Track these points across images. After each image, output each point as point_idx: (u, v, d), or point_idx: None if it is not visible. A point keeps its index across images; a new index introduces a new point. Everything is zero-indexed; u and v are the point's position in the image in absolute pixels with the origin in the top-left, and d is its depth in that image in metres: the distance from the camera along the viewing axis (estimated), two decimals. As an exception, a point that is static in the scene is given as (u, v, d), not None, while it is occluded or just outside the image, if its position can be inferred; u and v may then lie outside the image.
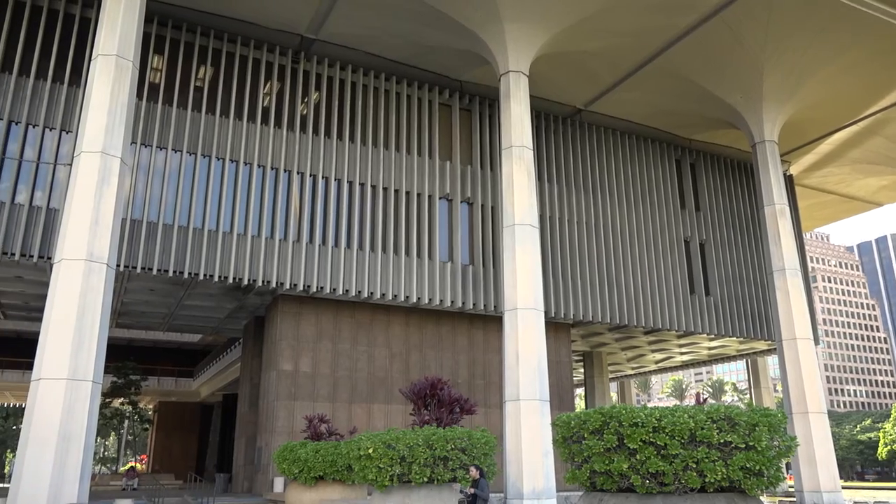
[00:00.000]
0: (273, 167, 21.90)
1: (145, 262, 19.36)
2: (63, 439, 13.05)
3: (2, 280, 21.91)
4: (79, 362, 13.61)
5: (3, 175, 18.53)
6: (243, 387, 27.44)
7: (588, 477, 8.10)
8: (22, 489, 12.62)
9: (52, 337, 13.67)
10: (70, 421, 13.23)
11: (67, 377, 13.39)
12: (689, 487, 7.45)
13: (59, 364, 13.46)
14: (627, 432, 7.57)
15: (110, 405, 40.99)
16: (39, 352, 13.68)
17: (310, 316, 22.88)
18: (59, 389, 13.28)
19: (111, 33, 15.85)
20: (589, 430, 7.96)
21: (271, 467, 21.07)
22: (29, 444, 12.94)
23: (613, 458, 7.68)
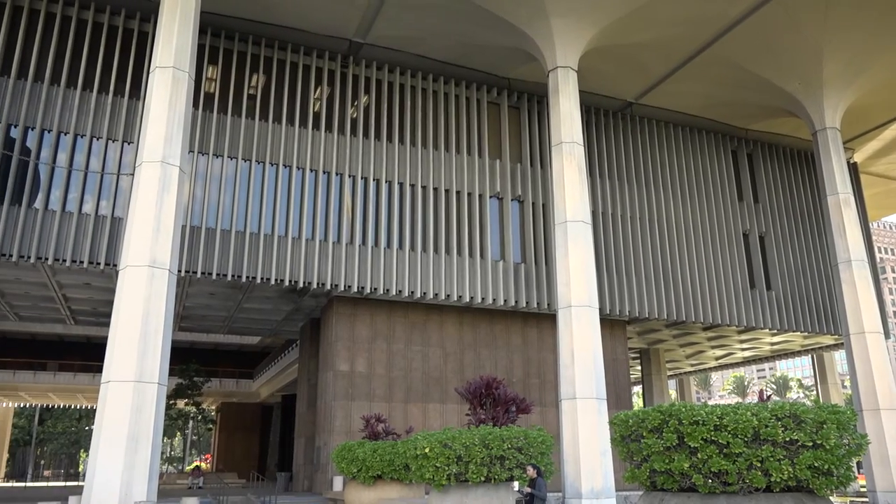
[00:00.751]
0: (325, 171, 22.24)
1: (205, 266, 19.90)
2: (132, 439, 13.52)
3: (71, 287, 22.86)
4: (145, 365, 14.08)
5: (70, 186, 19.33)
6: (301, 387, 27.95)
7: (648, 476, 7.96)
8: (95, 487, 13.14)
9: (119, 341, 14.18)
10: (138, 422, 13.69)
11: (135, 380, 13.86)
12: (754, 487, 7.24)
13: (127, 367, 13.95)
14: (687, 430, 7.41)
15: (175, 406, 42.30)
16: (108, 355, 14.20)
17: (364, 317, 23.15)
18: (127, 391, 13.76)
19: (167, 46, 16.35)
20: (647, 429, 7.82)
21: (330, 466, 21.40)
22: (100, 445, 13.45)
23: (673, 457, 7.53)
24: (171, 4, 16.64)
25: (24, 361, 47.62)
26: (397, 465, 15.12)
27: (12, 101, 19.20)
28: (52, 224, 18.74)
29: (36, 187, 19.13)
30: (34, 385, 47.87)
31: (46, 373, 47.48)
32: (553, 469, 12.16)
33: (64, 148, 19.61)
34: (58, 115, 19.57)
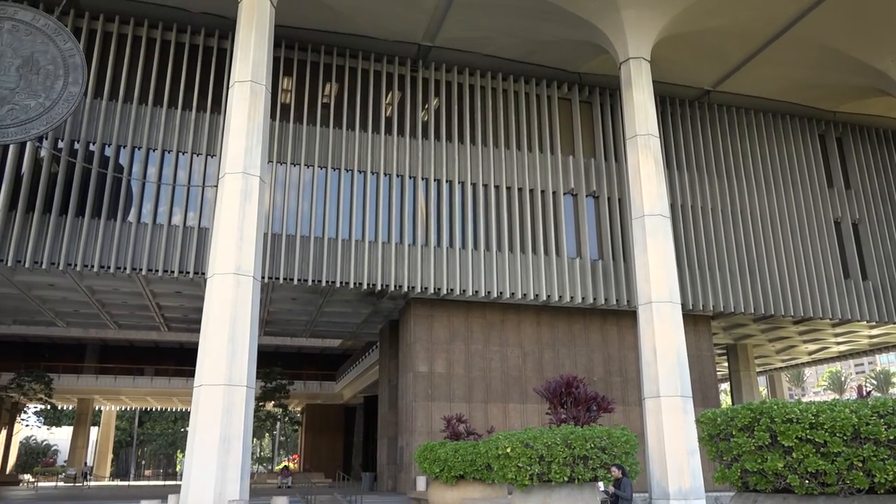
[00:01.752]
0: (399, 174, 22.52)
1: (286, 272, 20.51)
2: (224, 441, 14.07)
3: (163, 295, 24.02)
4: (233, 369, 14.63)
5: (160, 199, 20.32)
6: (382, 389, 28.39)
7: (739, 476, 7.66)
8: (192, 486, 13.75)
9: (209, 346, 14.80)
10: (229, 423, 14.24)
11: (224, 383, 14.42)
12: (856, 488, 6.86)
13: (217, 371, 14.54)
14: (781, 429, 7.09)
15: (263, 408, 43.72)
16: (199, 360, 14.84)
17: (442, 318, 23.30)
18: (217, 394, 14.34)
19: (244, 61, 16.95)
20: (737, 427, 7.53)
21: (413, 466, 21.65)
22: (195, 445, 14.06)
23: (766, 457, 7.22)
24: (247, 21, 17.25)
25: (124, 367, 50.43)
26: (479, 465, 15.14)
27: (105, 122, 20.35)
28: (145, 236, 19.75)
29: (129, 202, 20.21)
30: (133, 389, 50.61)
31: (144, 377, 50.12)
32: (638, 469, 11.90)
33: (153, 163, 20.64)
34: (146, 133, 20.61)
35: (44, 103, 17.09)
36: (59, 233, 19.09)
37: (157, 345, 51.46)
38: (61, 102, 17.20)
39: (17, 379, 42.80)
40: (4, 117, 16.84)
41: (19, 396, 43.22)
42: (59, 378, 46.51)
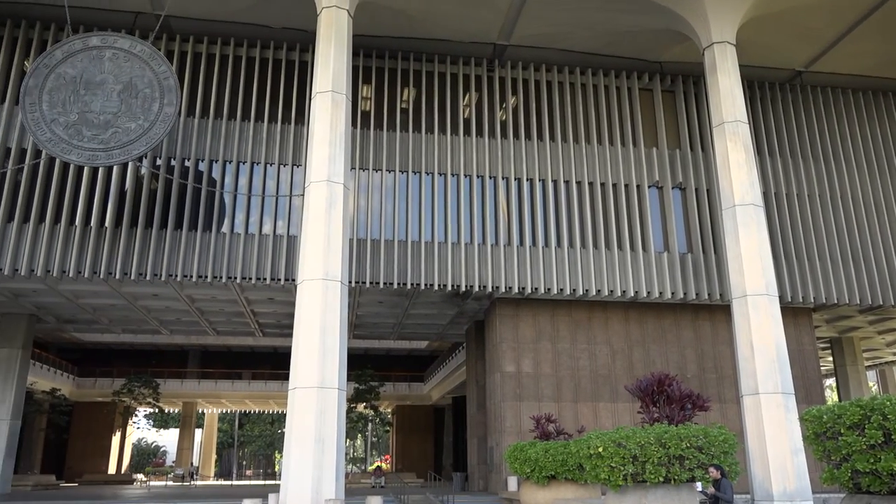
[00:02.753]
0: (479, 175, 22.57)
1: (373, 276, 20.93)
2: (318, 441, 14.49)
3: (257, 302, 24.99)
4: (325, 372, 15.04)
5: (251, 210, 21.17)
6: (470, 389, 28.49)
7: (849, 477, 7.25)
8: (290, 486, 14.24)
9: (301, 350, 15.27)
10: (323, 425, 14.65)
11: (317, 385, 14.85)
12: (983, 490, 6.37)
13: (310, 374, 14.98)
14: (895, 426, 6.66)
15: (355, 410, 44.70)
16: (293, 364, 15.34)
17: (527, 317, 23.16)
18: (311, 397, 14.78)
19: (325, 72, 17.42)
20: (846, 425, 7.13)
21: (503, 466, 21.62)
22: (292, 446, 14.55)
23: (880, 456, 6.80)
24: (326, 32, 17.72)
25: (223, 372, 52.78)
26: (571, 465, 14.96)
27: (198, 138, 21.39)
28: (238, 246, 20.62)
29: (222, 214, 21.15)
30: (232, 393, 52.87)
31: (242, 381, 52.27)
32: (739, 470, 11.44)
33: (243, 175, 21.51)
34: (236, 147, 21.51)
35: (143, 125, 18.13)
36: (160, 245, 20.19)
37: (252, 350, 53.58)
38: (158, 123, 18.20)
39: (127, 384, 45.54)
40: (109, 140, 17.97)
41: (130, 401, 45.95)
42: (165, 383, 49.16)
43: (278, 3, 20.76)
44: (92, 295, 24.06)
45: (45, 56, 18.54)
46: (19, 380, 26.34)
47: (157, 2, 20.57)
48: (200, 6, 20.95)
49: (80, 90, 18.23)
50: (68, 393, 47.94)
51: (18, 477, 32.63)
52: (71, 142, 17.87)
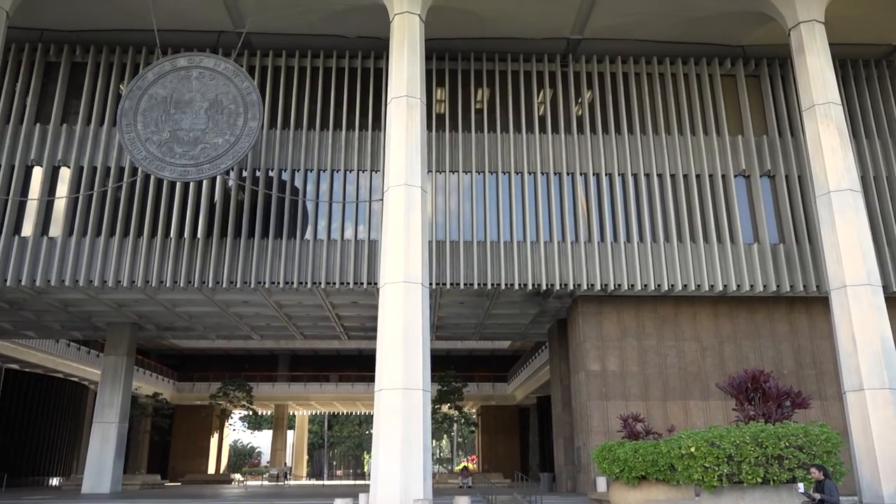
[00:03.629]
0: (556, 172, 22.33)
1: (453, 277, 21.04)
2: (405, 442, 14.68)
3: (341, 306, 25.59)
4: (409, 373, 15.23)
5: (333, 216, 21.70)
6: (554, 389, 28.21)
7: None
8: (379, 486, 14.50)
9: (385, 352, 15.53)
10: (409, 426, 14.84)
11: (402, 387, 15.06)
12: None
13: (394, 376, 15.21)
14: None
15: (439, 410, 45.06)
16: (378, 366, 15.62)
17: (611, 315, 22.72)
18: (396, 398, 15.00)
19: (399, 77, 17.66)
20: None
21: (591, 467, 21.29)
22: (380, 447, 14.81)
23: None
24: (399, 38, 17.97)
25: (311, 374, 54.36)
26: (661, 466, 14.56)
27: (280, 149, 22.11)
28: (322, 251, 21.17)
29: (306, 221, 21.77)
30: (321, 395, 54.35)
31: (329, 383, 53.67)
32: (844, 470, 10.84)
33: (324, 183, 22.08)
34: (316, 156, 22.11)
35: (229, 139, 18.91)
36: (248, 254, 20.99)
37: (339, 353, 54.93)
38: (243, 137, 18.94)
39: (223, 388, 47.58)
40: (198, 156, 18.83)
41: (226, 404, 47.98)
42: (258, 386, 51.08)
43: (352, 13, 21.20)
44: (188, 303, 25.28)
45: (138, 79, 19.61)
46: (125, 385, 27.95)
47: (238, 20, 21.40)
48: (279, 21, 21.65)
49: (171, 109, 19.19)
50: (169, 397, 50.56)
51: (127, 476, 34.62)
52: (164, 159, 18.82)
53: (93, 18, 21.59)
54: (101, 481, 26.33)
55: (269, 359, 56.34)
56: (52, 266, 20.62)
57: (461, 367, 48.80)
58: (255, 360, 55.44)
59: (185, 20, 21.46)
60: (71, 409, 44.59)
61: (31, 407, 40.17)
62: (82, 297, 23.71)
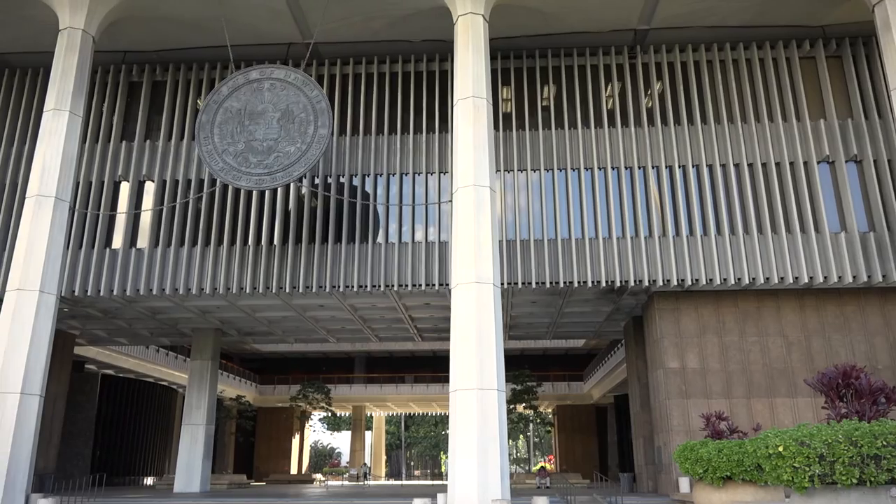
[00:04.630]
0: (627, 166, 21.90)
1: (524, 276, 20.92)
2: (481, 442, 14.70)
3: (414, 308, 25.84)
4: (483, 373, 15.24)
5: (403, 219, 21.96)
6: (632, 387, 27.65)
7: None
8: (457, 486, 14.56)
9: (459, 353, 15.59)
10: (484, 426, 14.85)
11: (477, 387, 15.08)
12: None
13: (468, 376, 15.25)
14: None
15: (515, 410, 44.89)
16: (452, 367, 15.69)
17: (689, 310, 22.09)
18: (471, 399, 15.03)
19: (464, 78, 17.71)
20: None
21: (673, 467, 20.75)
22: (456, 447, 14.88)
23: None
24: (464, 40, 18.02)
25: (387, 376, 55.18)
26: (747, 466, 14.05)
27: (350, 155, 22.53)
28: (393, 254, 21.45)
29: (377, 224, 22.11)
30: (396, 396, 55.06)
31: (405, 385, 54.33)
32: (948, 470, 10.19)
33: (394, 186, 22.38)
34: (385, 160, 22.42)
35: (301, 147, 19.41)
36: (322, 259, 21.48)
37: (413, 354, 55.53)
38: (314, 145, 19.40)
39: (302, 390, 48.87)
40: (272, 164, 19.41)
41: (306, 405, 49.24)
42: (335, 388, 52.20)
43: (416, 17, 21.39)
44: (266, 309, 26.08)
45: (214, 93, 20.39)
46: (211, 388, 29.08)
47: (307, 31, 21.95)
48: (345, 30, 22.08)
49: (245, 121, 19.86)
50: (252, 399, 52.28)
51: (215, 476, 36.02)
52: (240, 169, 19.49)
53: (171, 38, 22.60)
54: (192, 481, 27.48)
55: (345, 361, 57.53)
56: (140, 276, 21.68)
57: (535, 367, 48.50)
58: (332, 362, 56.73)
59: (256, 35, 22.18)
60: (162, 412, 46.76)
61: (126, 410, 42.33)
62: (169, 304, 24.82)
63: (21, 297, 17.22)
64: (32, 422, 16.68)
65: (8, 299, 17.34)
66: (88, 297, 22.13)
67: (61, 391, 28.52)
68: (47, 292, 17.61)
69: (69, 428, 33.41)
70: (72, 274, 21.67)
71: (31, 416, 16.66)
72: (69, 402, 30.83)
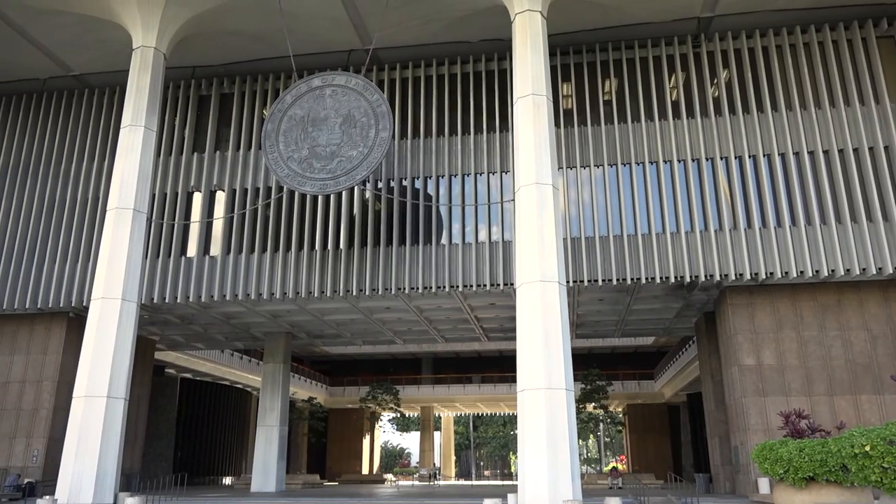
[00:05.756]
0: (693, 158, 21.33)
1: (590, 274, 20.64)
2: (550, 442, 14.57)
3: (479, 308, 25.84)
4: (551, 373, 15.10)
5: (466, 220, 22.01)
6: (706, 385, 26.89)
7: None
8: (527, 487, 14.48)
9: (525, 352, 15.50)
10: (553, 426, 14.71)
11: (545, 387, 14.96)
12: None
13: (536, 376, 15.14)
14: None
15: (584, 410, 44.33)
16: (518, 366, 15.61)
17: (764, 305, 21.32)
18: (539, 398, 14.92)
19: (524, 76, 17.60)
20: None
21: (751, 467, 20.07)
22: (526, 448, 14.79)
23: None
24: (522, 37, 17.92)
25: (454, 377, 55.38)
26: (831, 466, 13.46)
27: (412, 158, 22.73)
28: (457, 255, 21.52)
29: (440, 226, 22.23)
30: (464, 396, 55.19)
31: (472, 385, 54.40)
32: None
33: (456, 187, 22.45)
34: (446, 161, 22.52)
35: (363, 151, 19.71)
36: (388, 261, 21.73)
37: (479, 354, 55.56)
38: (376, 148, 19.66)
39: (371, 392, 49.56)
40: (335, 169, 19.78)
41: (375, 406, 49.92)
42: (403, 389, 52.72)
43: (473, 18, 21.40)
44: (334, 311, 26.58)
45: (278, 102, 20.93)
46: (283, 390, 29.83)
47: (366, 37, 22.27)
48: (403, 34, 22.29)
49: (308, 127, 20.30)
50: (322, 401, 53.37)
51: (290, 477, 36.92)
52: (304, 174, 19.94)
53: (237, 51, 23.32)
54: (268, 481, 28.25)
55: (412, 362, 58.04)
56: (213, 282, 22.45)
57: (604, 366, 47.78)
58: (399, 363, 57.33)
59: (317, 43, 22.64)
60: (237, 414, 48.26)
61: (204, 412, 43.88)
62: (241, 309, 25.60)
63: (105, 306, 18.07)
64: (118, 424, 17.48)
65: (93, 308, 18.22)
66: (166, 304, 23.06)
67: (144, 394, 29.79)
68: (129, 300, 18.41)
69: (152, 430, 34.87)
70: (150, 282, 22.62)
71: (117, 418, 17.45)
72: (151, 406, 32.20)
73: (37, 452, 22.94)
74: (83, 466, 16.62)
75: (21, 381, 24.03)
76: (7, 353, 24.42)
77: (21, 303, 23.30)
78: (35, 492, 20.97)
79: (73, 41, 22.76)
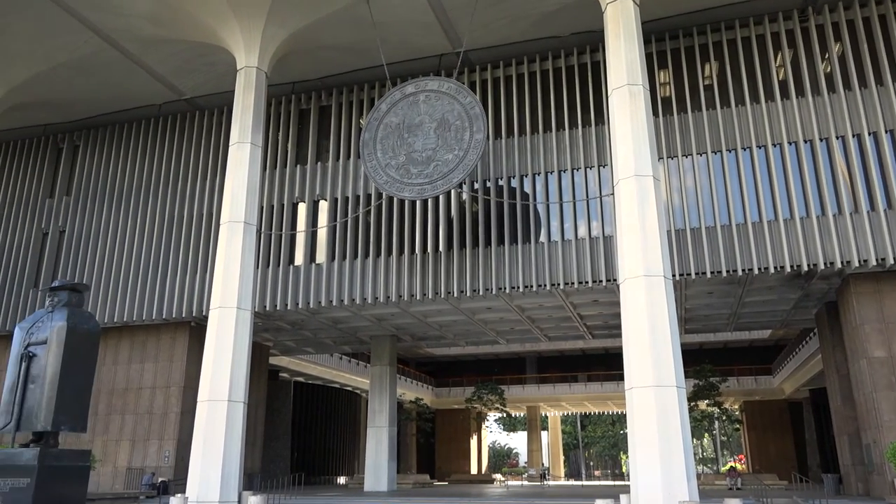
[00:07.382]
0: (806, 139, 20.10)
1: (697, 267, 19.87)
2: (663, 441, 14.10)
3: (582, 305, 25.41)
4: (660, 370, 14.63)
5: (565, 217, 21.72)
6: (830, 380, 25.24)
7: None
8: (640, 487, 14.08)
9: (632, 349, 15.09)
10: (665, 424, 14.23)
11: (654, 384, 14.51)
12: None
13: (644, 373, 14.71)
14: None
15: (697, 408, 42.68)
16: (626, 364, 15.22)
17: (893, 292, 19.79)
18: (649, 396, 14.48)
19: (618, 67, 17.16)
20: None
21: (886, 467, 18.66)
22: (636, 447, 14.40)
23: None
24: (614, 26, 17.49)
25: (559, 376, 54.74)
26: (981, 466, 12.31)
27: (507, 157, 22.68)
28: (557, 252, 21.27)
29: (539, 224, 22.04)
30: (570, 395, 54.43)
31: (578, 384, 53.58)
32: None
33: (553, 184, 22.19)
34: (542, 159, 22.31)
35: (458, 154, 19.85)
36: (487, 262, 21.78)
37: (584, 352, 54.61)
38: (471, 150, 19.75)
39: (476, 392, 49.78)
40: (432, 173, 20.03)
41: (481, 407, 50.09)
42: (508, 389, 52.61)
43: (563, 12, 21.11)
44: (437, 314, 26.91)
45: (374, 111, 21.44)
46: (391, 392, 30.48)
47: (456, 41, 22.43)
48: (492, 34, 22.29)
49: (404, 134, 20.68)
50: (429, 402, 54.13)
51: (400, 476, 37.65)
52: (402, 180, 20.31)
53: (333, 65, 24.10)
54: (379, 480, 28.95)
55: (516, 362, 57.81)
56: (320, 289, 23.27)
57: (717, 362, 45.78)
58: (503, 363, 57.25)
59: (409, 50, 23.04)
60: (348, 416, 49.76)
61: (317, 414, 45.54)
62: (347, 314, 26.39)
63: (222, 314, 19.10)
64: (239, 426, 18.42)
65: (212, 317, 19.31)
66: (278, 311, 24.12)
67: (261, 398, 31.25)
68: (243, 308, 19.37)
69: (269, 432, 36.53)
70: (262, 290, 23.74)
71: (237, 421, 18.40)
72: (268, 409, 33.75)
73: (168, 453, 24.57)
74: (209, 466, 17.62)
75: (152, 386, 25.81)
76: (139, 360, 26.29)
77: (149, 314, 25.03)
78: (168, 490, 22.45)
79: (183, 66, 24.27)
